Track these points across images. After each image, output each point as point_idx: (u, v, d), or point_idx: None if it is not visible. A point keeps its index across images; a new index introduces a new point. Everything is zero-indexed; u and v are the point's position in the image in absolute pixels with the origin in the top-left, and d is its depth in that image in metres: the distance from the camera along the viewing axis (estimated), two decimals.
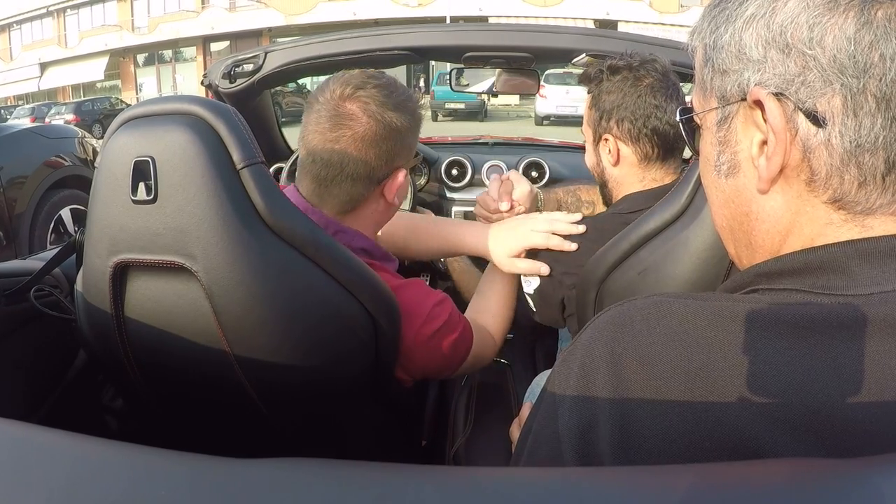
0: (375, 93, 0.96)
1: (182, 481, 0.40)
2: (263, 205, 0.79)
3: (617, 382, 0.49)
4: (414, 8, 26.62)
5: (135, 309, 0.83)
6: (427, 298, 1.03)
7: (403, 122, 0.98)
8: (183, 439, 1.06)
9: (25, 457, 0.43)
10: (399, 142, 0.99)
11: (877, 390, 0.42)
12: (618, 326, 0.52)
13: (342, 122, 0.95)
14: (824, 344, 0.44)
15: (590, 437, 0.48)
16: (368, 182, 0.99)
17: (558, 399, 0.53)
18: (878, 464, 0.37)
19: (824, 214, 0.48)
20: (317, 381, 0.91)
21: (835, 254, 0.47)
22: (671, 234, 0.99)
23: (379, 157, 0.98)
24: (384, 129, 0.96)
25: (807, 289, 0.47)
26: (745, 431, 0.43)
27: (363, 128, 0.95)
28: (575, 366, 0.53)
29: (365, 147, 0.96)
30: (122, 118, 0.80)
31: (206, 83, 1.65)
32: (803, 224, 0.50)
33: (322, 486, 0.39)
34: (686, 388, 0.46)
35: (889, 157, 0.44)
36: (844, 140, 0.45)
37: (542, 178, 2.08)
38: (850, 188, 0.46)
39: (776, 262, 0.51)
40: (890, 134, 0.44)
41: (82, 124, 16.12)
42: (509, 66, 1.80)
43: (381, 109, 0.96)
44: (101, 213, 0.79)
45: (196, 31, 29.39)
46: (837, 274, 0.46)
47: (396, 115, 0.97)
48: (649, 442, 0.46)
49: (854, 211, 0.47)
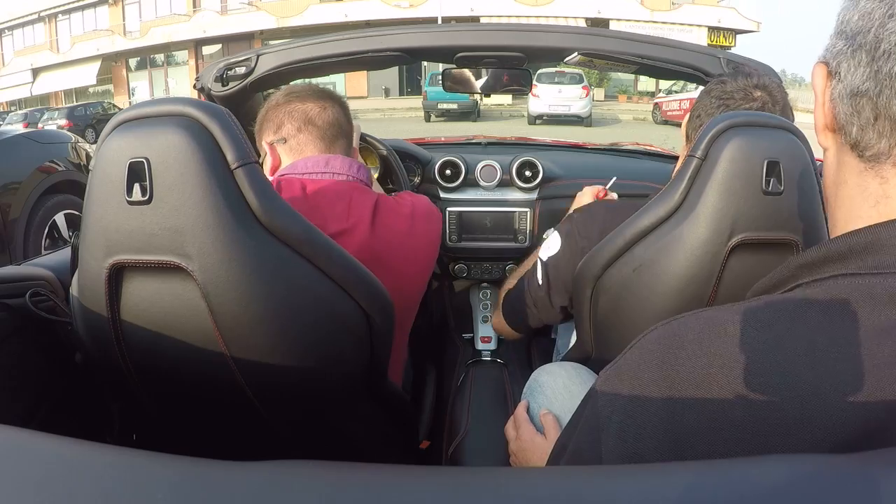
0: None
1: (179, 485, 0.40)
2: (258, 204, 0.79)
3: (670, 407, 0.48)
4: (405, 9, 26.59)
5: (131, 310, 0.83)
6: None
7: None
8: (180, 440, 1.06)
9: (23, 462, 0.43)
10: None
11: None
12: (668, 347, 0.51)
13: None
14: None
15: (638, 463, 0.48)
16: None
17: (603, 421, 0.52)
18: (878, 459, 0.37)
19: (854, 163, 0.53)
20: (313, 378, 0.91)
21: (879, 233, 0.48)
22: (665, 231, 1.00)
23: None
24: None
25: (856, 271, 0.48)
26: (819, 447, 0.43)
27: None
28: (623, 388, 0.52)
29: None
30: (116, 121, 0.80)
31: (199, 86, 1.65)
32: (846, 174, 0.54)
33: (319, 489, 0.39)
34: (744, 412, 0.45)
35: (874, 104, 0.49)
36: (847, 88, 0.51)
37: (536, 177, 2.08)
38: (859, 133, 0.51)
39: (818, 249, 0.51)
40: (873, 83, 0.49)
41: (75, 129, 16.06)
42: (501, 66, 1.80)
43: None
44: (96, 215, 0.79)
45: (188, 34, 29.29)
46: (885, 253, 0.47)
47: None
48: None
49: (867, 158, 0.51)
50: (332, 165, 1.18)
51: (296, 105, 1.23)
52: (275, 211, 0.81)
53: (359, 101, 25.88)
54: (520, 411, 1.18)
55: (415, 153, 2.18)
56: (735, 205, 0.92)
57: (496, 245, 2.14)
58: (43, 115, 19.80)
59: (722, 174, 0.92)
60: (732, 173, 0.92)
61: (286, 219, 0.82)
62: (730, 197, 0.92)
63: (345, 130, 1.27)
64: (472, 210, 2.12)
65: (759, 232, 0.93)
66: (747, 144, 0.92)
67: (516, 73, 1.91)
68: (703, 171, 0.95)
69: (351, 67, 1.74)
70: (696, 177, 0.96)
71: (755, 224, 0.92)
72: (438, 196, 2.13)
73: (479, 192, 2.14)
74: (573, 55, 1.60)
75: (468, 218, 2.12)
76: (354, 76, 26.83)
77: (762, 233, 0.93)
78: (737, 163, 0.91)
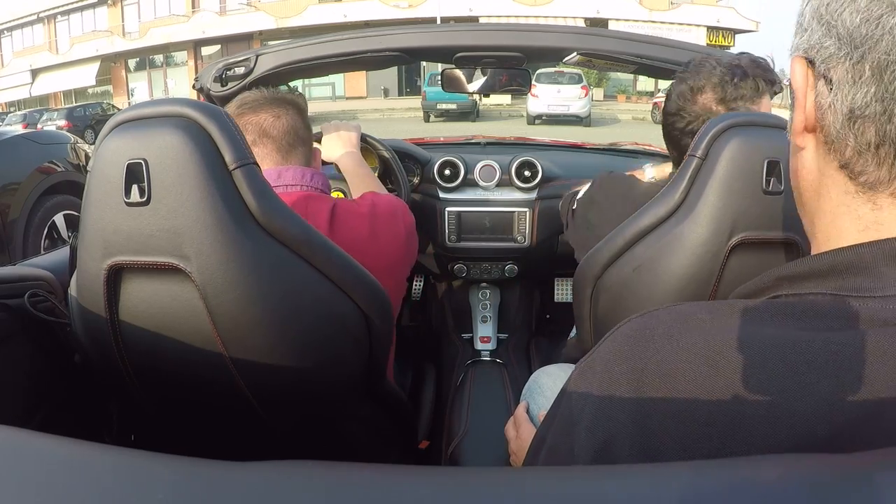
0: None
1: (178, 485, 0.40)
2: (256, 205, 0.79)
3: (638, 400, 0.47)
4: (404, 9, 26.60)
5: (129, 311, 0.83)
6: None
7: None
8: (178, 441, 1.06)
9: (22, 462, 0.43)
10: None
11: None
12: (637, 340, 0.50)
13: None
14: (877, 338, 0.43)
15: (607, 456, 0.47)
16: None
17: (576, 415, 0.51)
18: (878, 459, 0.37)
19: (841, 181, 0.49)
20: (311, 379, 0.91)
21: (862, 254, 0.46)
22: (665, 231, 1.00)
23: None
24: None
25: (834, 291, 0.46)
26: (783, 448, 0.42)
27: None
28: (594, 381, 0.51)
29: None
30: (114, 122, 0.80)
31: (198, 87, 1.65)
32: (829, 186, 0.50)
33: (318, 489, 0.39)
34: (711, 407, 0.44)
35: (879, 128, 0.45)
36: (844, 105, 0.46)
37: (535, 177, 2.08)
38: (853, 156, 0.47)
39: (800, 264, 0.50)
40: (880, 106, 0.45)
41: (74, 130, 16.09)
42: (500, 66, 1.81)
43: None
44: (94, 216, 0.79)
45: (187, 35, 29.30)
46: (865, 275, 0.45)
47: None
48: (675, 458, 0.45)
49: (860, 182, 0.48)
50: (284, 178, 1.15)
51: (249, 117, 1.19)
52: (273, 212, 0.81)
53: (358, 102, 25.92)
54: (520, 411, 1.18)
55: (414, 153, 2.18)
56: (735, 204, 0.92)
57: (495, 245, 2.14)
58: (42, 115, 19.79)
59: (722, 174, 0.92)
60: (733, 173, 0.92)
61: (284, 219, 0.82)
62: (730, 196, 0.92)
63: (301, 137, 1.24)
64: (471, 210, 2.12)
65: (760, 231, 0.93)
66: (747, 144, 0.92)
67: (515, 73, 1.91)
68: (704, 171, 0.95)
69: (350, 67, 1.75)
70: (696, 176, 0.96)
71: (755, 223, 0.92)
72: (438, 196, 2.13)
73: (479, 192, 2.14)
74: (572, 55, 1.60)
75: (467, 218, 2.12)
76: (353, 76, 26.85)
77: (762, 232, 0.93)
78: (737, 162, 0.91)
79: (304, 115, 1.27)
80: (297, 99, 1.27)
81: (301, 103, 1.27)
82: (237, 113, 1.20)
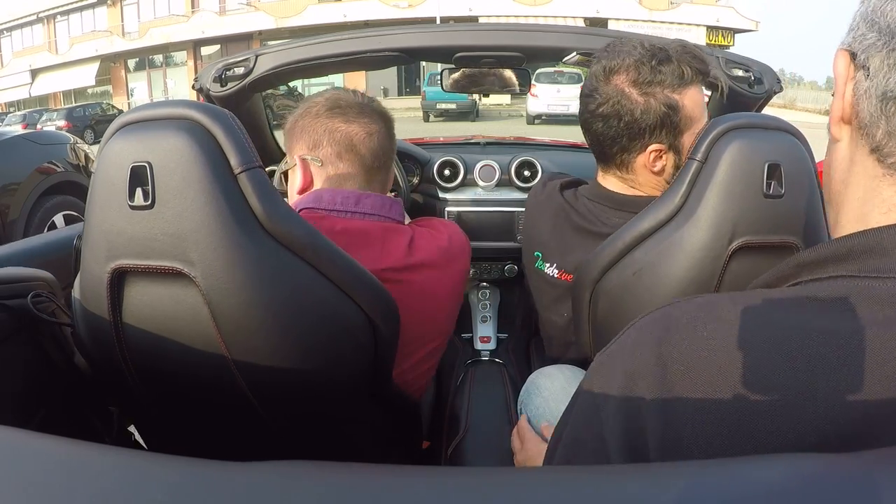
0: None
1: (179, 485, 0.40)
2: (262, 209, 0.78)
3: (663, 388, 0.48)
4: (404, 9, 26.60)
5: (133, 314, 0.82)
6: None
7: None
8: (180, 442, 1.06)
9: (22, 463, 0.43)
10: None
11: None
12: (662, 329, 0.51)
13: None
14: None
15: (636, 442, 0.48)
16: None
17: (600, 403, 0.52)
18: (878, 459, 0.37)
19: (871, 165, 0.51)
20: (315, 383, 0.91)
21: (882, 236, 0.47)
22: (666, 234, 0.99)
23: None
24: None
25: (855, 273, 0.47)
26: (805, 440, 0.42)
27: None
28: (618, 370, 0.52)
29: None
30: (119, 123, 0.79)
31: (198, 87, 1.64)
32: (858, 174, 0.52)
33: (319, 489, 0.39)
34: (734, 396, 0.45)
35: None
36: (878, 90, 0.49)
37: (535, 177, 2.08)
38: (883, 138, 0.49)
39: (820, 249, 0.51)
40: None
41: (74, 130, 16.07)
42: (500, 66, 1.80)
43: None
44: (98, 219, 0.78)
45: (186, 35, 29.31)
46: (886, 256, 0.46)
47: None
48: (695, 451, 0.45)
49: (888, 164, 0.49)
50: (363, 205, 1.07)
51: (339, 125, 1.09)
52: (279, 216, 0.80)
53: None
54: (522, 423, 1.18)
55: (413, 153, 2.17)
56: (736, 208, 0.92)
57: (495, 245, 2.14)
58: (42, 116, 19.82)
59: (722, 177, 0.92)
60: (733, 176, 0.91)
61: (290, 224, 0.81)
62: (730, 200, 0.92)
63: (386, 162, 1.15)
64: (470, 210, 2.12)
65: (760, 235, 0.92)
66: (748, 147, 0.91)
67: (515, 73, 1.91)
68: (704, 174, 0.95)
69: (350, 67, 1.74)
70: (696, 180, 0.96)
71: (756, 227, 0.92)
72: (437, 196, 2.13)
73: (478, 192, 2.14)
74: (572, 55, 1.60)
75: (467, 218, 2.12)
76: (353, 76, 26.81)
77: (763, 236, 0.92)
78: (737, 165, 0.91)
79: (393, 136, 1.18)
80: (389, 114, 1.18)
81: (391, 121, 1.18)
82: (326, 115, 1.11)
